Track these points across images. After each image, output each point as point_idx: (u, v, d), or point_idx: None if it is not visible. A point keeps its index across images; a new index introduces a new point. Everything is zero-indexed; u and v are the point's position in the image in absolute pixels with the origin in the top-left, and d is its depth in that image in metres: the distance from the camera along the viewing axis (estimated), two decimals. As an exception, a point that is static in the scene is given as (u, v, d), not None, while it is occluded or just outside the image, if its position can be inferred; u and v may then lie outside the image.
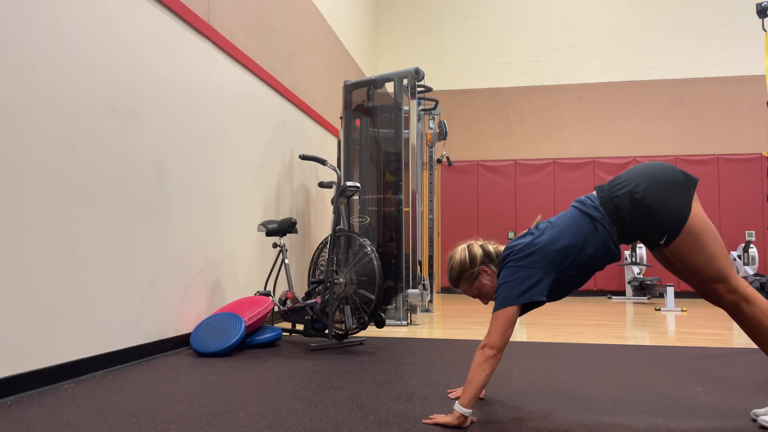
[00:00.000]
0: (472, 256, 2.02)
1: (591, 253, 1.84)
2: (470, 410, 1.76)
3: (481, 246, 2.05)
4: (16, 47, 2.21)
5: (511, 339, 3.85)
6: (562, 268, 1.85)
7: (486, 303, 2.09)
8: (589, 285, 8.71)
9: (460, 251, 2.05)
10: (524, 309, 1.94)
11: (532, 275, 1.84)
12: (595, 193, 1.92)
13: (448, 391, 2.25)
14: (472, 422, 1.83)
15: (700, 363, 2.97)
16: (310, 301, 3.62)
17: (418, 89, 5.74)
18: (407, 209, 4.84)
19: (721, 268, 1.76)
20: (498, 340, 1.80)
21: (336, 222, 3.62)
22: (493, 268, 2.02)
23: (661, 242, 1.80)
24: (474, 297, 2.08)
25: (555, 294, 1.92)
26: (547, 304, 7.03)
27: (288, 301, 3.77)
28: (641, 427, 1.80)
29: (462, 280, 2.05)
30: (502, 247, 2.05)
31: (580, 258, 1.84)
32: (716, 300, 1.81)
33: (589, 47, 8.99)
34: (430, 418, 1.84)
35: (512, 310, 1.82)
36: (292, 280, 3.89)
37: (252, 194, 4.33)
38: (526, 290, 1.82)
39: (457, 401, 1.79)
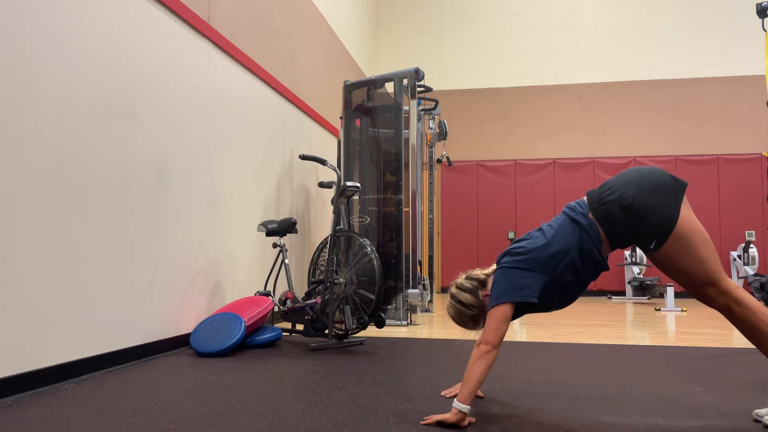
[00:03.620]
0: (470, 291, 2.00)
1: (581, 259, 1.86)
2: (469, 407, 1.76)
3: (466, 278, 2.03)
4: (16, 47, 2.21)
5: (511, 339, 3.85)
6: (555, 272, 1.86)
7: None
8: (589, 285, 8.70)
9: (458, 295, 2.02)
10: (518, 312, 1.93)
11: (524, 276, 1.85)
12: (585, 198, 1.94)
13: (442, 393, 2.23)
14: (470, 423, 1.82)
15: (700, 363, 2.97)
16: (310, 301, 3.62)
17: (418, 89, 5.74)
18: (407, 209, 4.84)
19: (711, 272, 1.78)
20: (492, 336, 1.79)
21: (336, 222, 3.62)
22: (489, 289, 2.01)
23: (651, 247, 1.82)
24: None
25: (552, 301, 1.91)
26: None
27: (288, 301, 3.77)
28: (641, 427, 1.80)
29: (479, 317, 2.03)
30: (488, 269, 2.05)
31: (572, 263, 1.85)
32: (708, 302, 1.83)
33: (589, 47, 8.99)
34: (427, 419, 1.83)
35: (506, 307, 1.82)
36: (292, 280, 3.89)
37: (252, 194, 4.33)
38: (518, 289, 1.83)
39: (455, 398, 1.79)
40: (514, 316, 1.94)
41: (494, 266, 1.99)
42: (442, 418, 1.78)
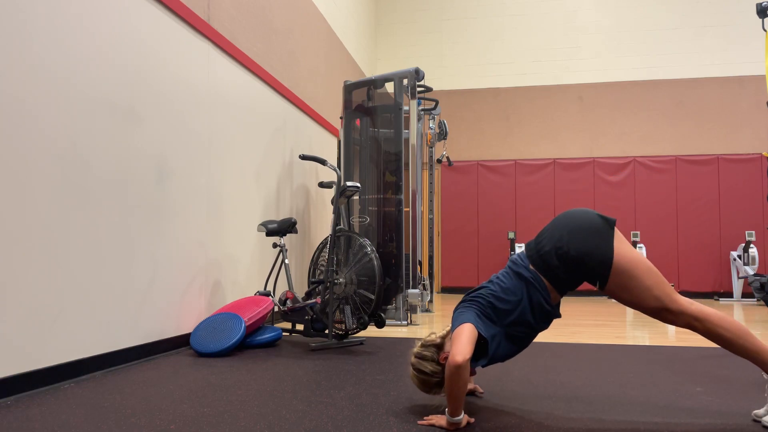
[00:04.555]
0: (430, 359, 1.97)
1: (531, 311, 1.90)
2: (460, 416, 1.77)
3: (422, 346, 2.00)
4: (16, 47, 2.21)
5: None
6: (505, 323, 1.90)
7: None
8: (589, 285, 8.72)
9: (418, 365, 1.98)
10: (473, 359, 1.91)
11: (478, 319, 1.88)
12: (524, 251, 1.99)
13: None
14: (469, 422, 1.83)
15: (700, 363, 2.97)
16: (310, 301, 3.62)
17: (418, 89, 5.74)
18: (407, 209, 4.84)
19: (660, 297, 1.81)
20: (460, 350, 1.75)
21: (336, 222, 3.62)
22: (447, 351, 1.97)
23: (597, 286, 1.88)
24: None
25: (503, 351, 1.91)
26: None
27: (288, 301, 3.77)
28: (641, 427, 1.80)
29: (443, 381, 1.94)
30: (442, 332, 2.03)
31: (523, 314, 1.90)
32: (672, 323, 1.86)
33: (589, 47, 8.99)
34: (425, 419, 1.85)
35: (470, 326, 1.82)
36: (292, 280, 3.89)
37: (252, 194, 4.33)
38: (477, 322, 1.85)
39: (446, 411, 1.80)
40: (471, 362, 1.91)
41: (448, 327, 1.99)
42: (439, 423, 1.80)
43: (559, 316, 1.98)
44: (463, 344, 1.78)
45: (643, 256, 1.84)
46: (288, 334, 4.02)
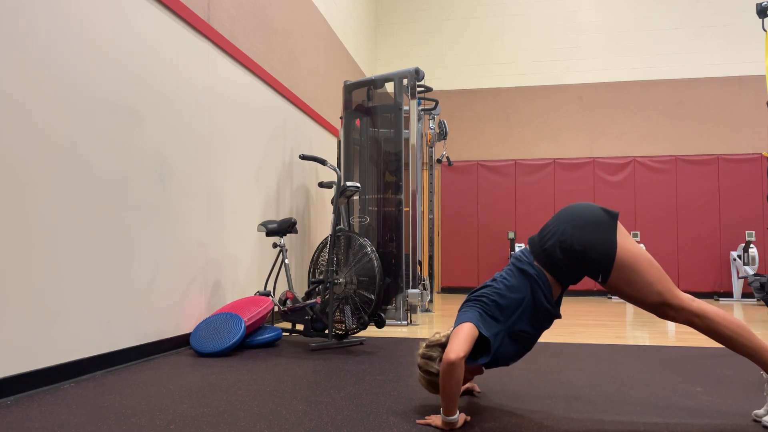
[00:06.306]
0: (436, 359, 1.96)
1: (534, 308, 1.90)
2: (455, 415, 1.76)
3: (428, 347, 2.00)
4: (16, 47, 2.21)
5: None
6: (509, 321, 1.89)
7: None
8: (589, 285, 8.71)
9: (425, 366, 1.97)
10: (476, 357, 1.91)
11: (482, 318, 1.88)
12: (527, 246, 1.98)
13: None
14: (466, 421, 1.83)
15: (700, 363, 2.97)
16: (310, 301, 3.62)
17: (418, 89, 5.74)
18: (407, 209, 4.84)
19: (662, 292, 1.81)
20: (455, 347, 1.76)
21: (336, 222, 3.62)
22: None
23: (599, 280, 1.87)
24: None
25: (508, 351, 1.91)
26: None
27: (288, 301, 3.77)
28: (641, 427, 1.80)
29: None
30: (446, 332, 2.04)
31: (526, 312, 1.89)
32: (672, 320, 1.85)
33: (589, 47, 8.99)
34: (424, 419, 1.85)
35: (469, 325, 1.82)
36: (292, 280, 3.89)
37: (252, 194, 4.33)
38: (479, 322, 1.85)
39: (441, 412, 1.80)
40: (473, 365, 1.92)
41: (452, 329, 1.99)
42: (436, 423, 1.79)
43: (559, 316, 1.99)
44: (458, 343, 1.78)
45: (645, 251, 1.83)
46: (288, 334, 4.02)
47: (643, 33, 8.87)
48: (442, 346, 1.99)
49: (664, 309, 1.83)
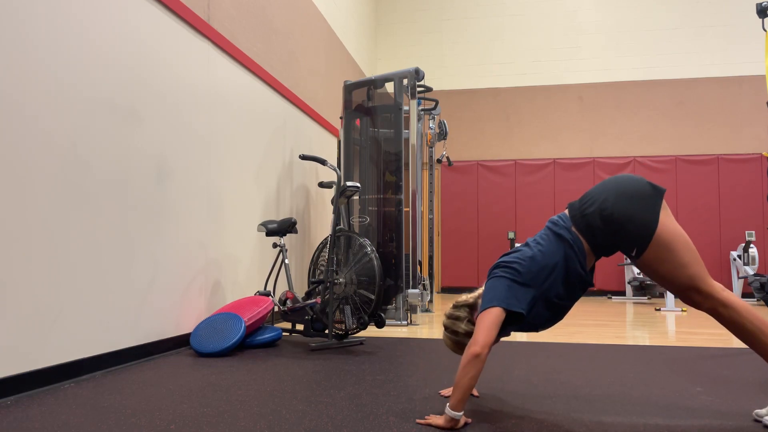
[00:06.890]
0: (463, 319, 2.00)
1: (567, 273, 1.87)
2: (461, 412, 1.75)
3: (455, 307, 2.02)
4: (16, 47, 2.21)
5: (511, 339, 3.85)
6: (543, 287, 1.86)
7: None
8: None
9: (452, 326, 2.01)
10: (506, 325, 1.91)
11: (513, 287, 1.85)
12: (566, 211, 1.95)
13: (440, 392, 2.23)
14: (466, 423, 1.82)
15: (700, 363, 2.97)
16: (310, 301, 3.62)
17: (418, 89, 5.74)
18: (407, 209, 4.84)
19: (694, 276, 1.78)
20: (481, 340, 1.76)
21: (336, 222, 3.62)
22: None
23: (633, 254, 1.83)
24: None
25: (541, 317, 1.90)
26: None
27: (288, 301, 3.77)
28: (641, 427, 1.80)
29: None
30: (474, 293, 2.05)
31: (559, 277, 1.86)
32: (695, 306, 1.83)
33: (589, 47, 8.99)
34: (424, 419, 1.84)
35: (497, 311, 1.81)
36: (292, 280, 3.89)
37: (252, 194, 4.33)
38: (507, 298, 1.83)
39: (447, 404, 1.80)
40: (501, 334, 1.92)
41: (481, 289, 1.98)
42: (436, 422, 1.78)
43: (592, 284, 1.93)
44: (484, 333, 1.75)
45: (685, 233, 1.80)
46: (288, 334, 4.02)
47: (643, 33, 8.87)
48: (470, 306, 1.99)
49: (692, 293, 1.79)
